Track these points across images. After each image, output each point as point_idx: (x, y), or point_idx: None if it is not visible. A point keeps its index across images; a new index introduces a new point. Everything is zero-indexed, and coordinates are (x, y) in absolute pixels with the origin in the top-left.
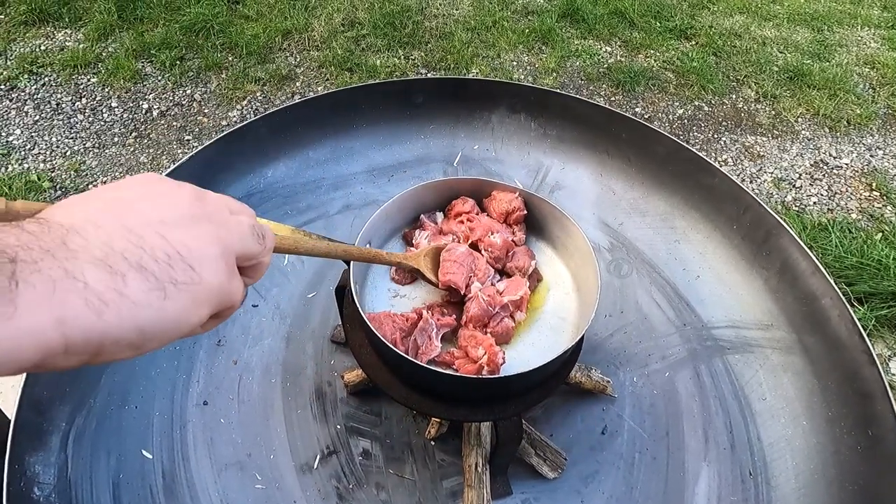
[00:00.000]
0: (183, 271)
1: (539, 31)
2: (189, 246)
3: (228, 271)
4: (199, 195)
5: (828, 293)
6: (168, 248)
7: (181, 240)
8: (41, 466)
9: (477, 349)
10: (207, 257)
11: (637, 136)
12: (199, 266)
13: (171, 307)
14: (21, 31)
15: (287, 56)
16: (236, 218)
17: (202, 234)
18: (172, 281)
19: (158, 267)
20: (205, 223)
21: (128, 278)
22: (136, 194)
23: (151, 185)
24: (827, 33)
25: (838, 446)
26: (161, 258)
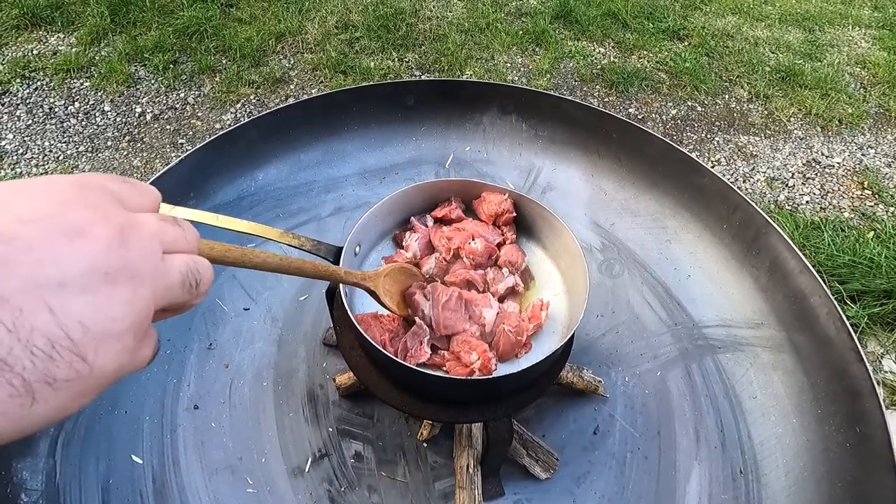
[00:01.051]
0: (67, 365)
1: (532, 33)
2: (87, 325)
3: (135, 345)
4: (123, 234)
5: (816, 291)
6: (53, 332)
7: (77, 314)
8: (28, 472)
9: (470, 354)
10: (109, 337)
11: (628, 136)
12: (93, 353)
13: (39, 411)
14: (13, 35)
15: (281, 59)
16: (167, 264)
17: (112, 301)
18: (48, 380)
19: (32, 363)
20: (120, 283)
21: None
22: (34, 231)
23: (60, 213)
24: (818, 33)
25: (828, 444)
26: (40, 349)
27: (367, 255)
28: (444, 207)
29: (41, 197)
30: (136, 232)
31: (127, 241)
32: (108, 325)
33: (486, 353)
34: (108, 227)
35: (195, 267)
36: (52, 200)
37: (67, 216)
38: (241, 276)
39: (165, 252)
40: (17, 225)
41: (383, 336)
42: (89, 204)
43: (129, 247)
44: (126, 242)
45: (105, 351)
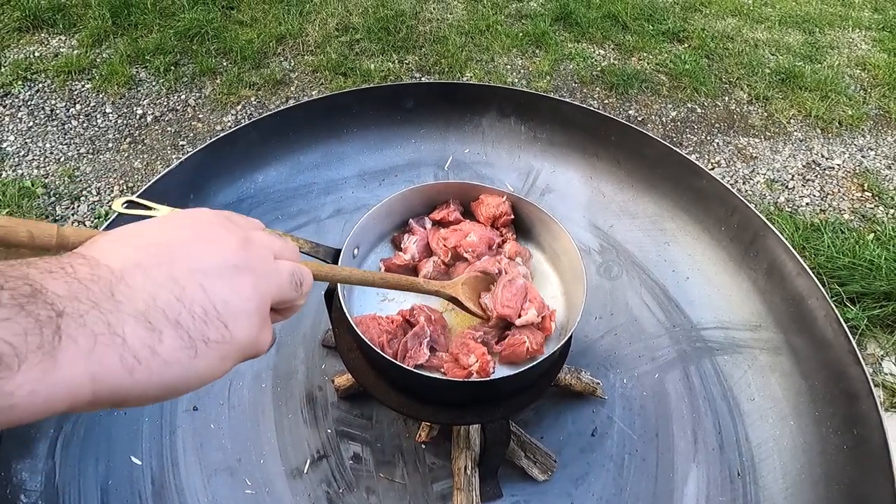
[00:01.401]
0: (216, 329)
1: (532, 35)
2: (226, 300)
3: (260, 324)
4: (245, 241)
5: (814, 293)
6: (206, 303)
7: (220, 293)
8: (28, 473)
9: (469, 356)
10: (242, 313)
11: (626, 139)
12: (232, 323)
13: (199, 364)
14: (15, 37)
15: (281, 61)
16: (278, 265)
17: (242, 286)
18: (205, 339)
19: (194, 324)
20: (246, 274)
21: (164, 335)
22: (186, 237)
23: (201, 228)
24: (818, 35)
25: (825, 446)
26: (198, 313)
27: (365, 257)
28: (443, 210)
29: (180, 220)
30: (253, 242)
31: (247, 247)
32: (241, 303)
33: (485, 356)
34: (232, 236)
35: (298, 269)
36: (187, 221)
37: (202, 229)
38: None
39: (275, 258)
40: (170, 235)
41: (381, 338)
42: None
43: (249, 251)
44: (247, 248)
45: (240, 323)
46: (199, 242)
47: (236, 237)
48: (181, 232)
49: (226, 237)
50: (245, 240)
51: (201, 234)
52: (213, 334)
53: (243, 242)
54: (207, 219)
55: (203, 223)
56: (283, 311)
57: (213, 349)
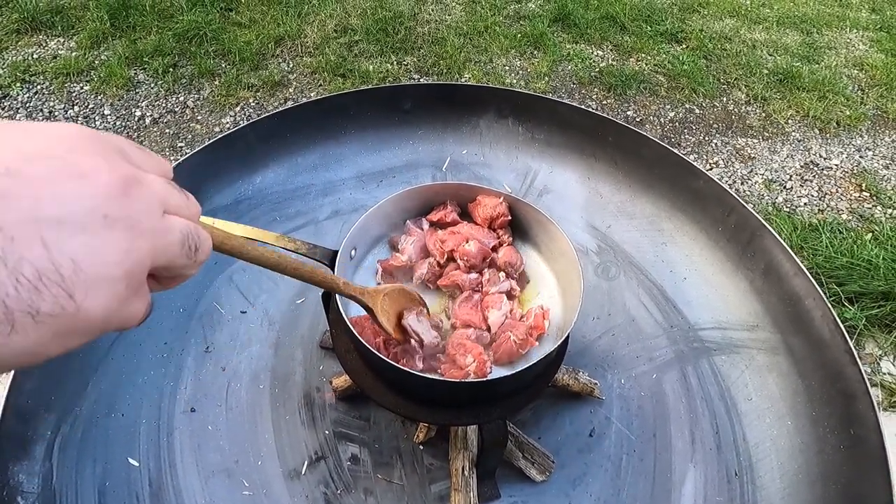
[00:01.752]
0: (52, 300)
1: (531, 36)
2: (80, 263)
3: (127, 294)
4: (129, 183)
5: (811, 293)
6: (43, 264)
7: (71, 251)
8: (25, 475)
9: (465, 357)
10: (101, 280)
11: (624, 140)
12: (82, 292)
13: (17, 341)
14: (13, 39)
15: (280, 62)
16: (168, 222)
17: (108, 245)
18: (31, 311)
19: (16, 291)
20: (119, 229)
21: None
22: (48, 164)
23: (74, 154)
24: (816, 36)
25: (822, 446)
26: (26, 278)
27: (362, 259)
28: (440, 211)
29: (50, 138)
30: (140, 186)
31: (130, 192)
32: (101, 268)
33: (482, 356)
34: (112, 175)
35: (195, 232)
36: (60, 143)
37: (73, 159)
38: (238, 280)
39: (166, 213)
40: (22, 161)
41: (378, 339)
42: (97, 152)
43: (131, 198)
44: (129, 193)
45: (95, 293)
46: (62, 176)
47: (119, 175)
48: (41, 155)
49: (104, 173)
50: (130, 180)
51: (70, 162)
52: (46, 306)
53: (125, 184)
54: (84, 143)
55: (77, 148)
56: (165, 280)
57: (45, 323)
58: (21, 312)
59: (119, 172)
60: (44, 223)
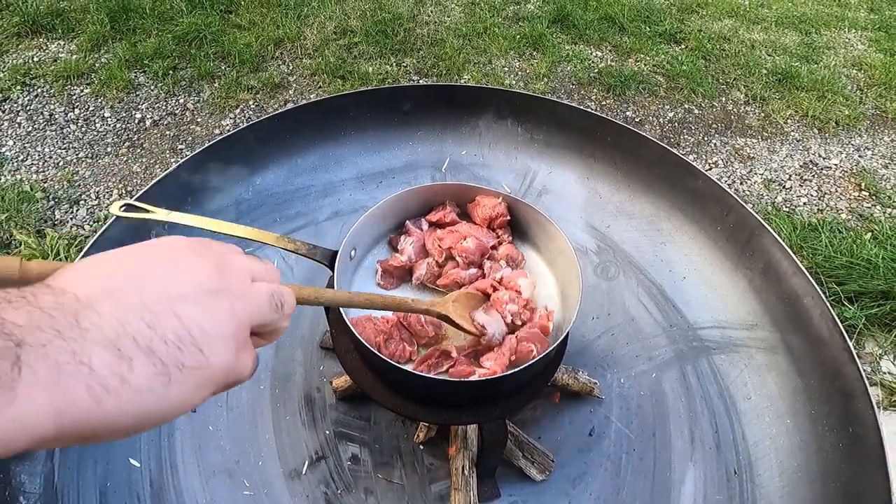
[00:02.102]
0: (192, 355)
1: (530, 37)
2: (202, 326)
3: (238, 349)
4: (221, 265)
5: (809, 292)
6: (180, 329)
7: (195, 318)
8: (27, 476)
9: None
10: (219, 337)
11: (623, 140)
12: (208, 348)
13: (174, 392)
14: (14, 42)
15: (280, 64)
16: (256, 287)
17: (218, 310)
18: (179, 365)
19: (167, 350)
20: (222, 298)
21: (134, 363)
22: (158, 263)
23: (174, 252)
24: (815, 36)
25: (821, 444)
26: (171, 340)
27: (362, 259)
28: (439, 211)
29: (165, 244)
30: (229, 265)
31: (222, 271)
32: (216, 327)
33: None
34: (207, 261)
35: (279, 291)
36: (169, 248)
37: (179, 256)
38: None
39: (254, 280)
40: (149, 263)
41: (378, 338)
42: (193, 249)
43: (224, 274)
44: (222, 271)
45: (216, 347)
46: (171, 268)
47: (211, 262)
48: (153, 259)
49: (200, 262)
50: (220, 263)
51: (174, 260)
52: (188, 360)
53: (218, 266)
54: (181, 245)
55: (175, 250)
56: (265, 335)
57: (189, 376)
58: (173, 367)
59: (211, 259)
60: (171, 299)
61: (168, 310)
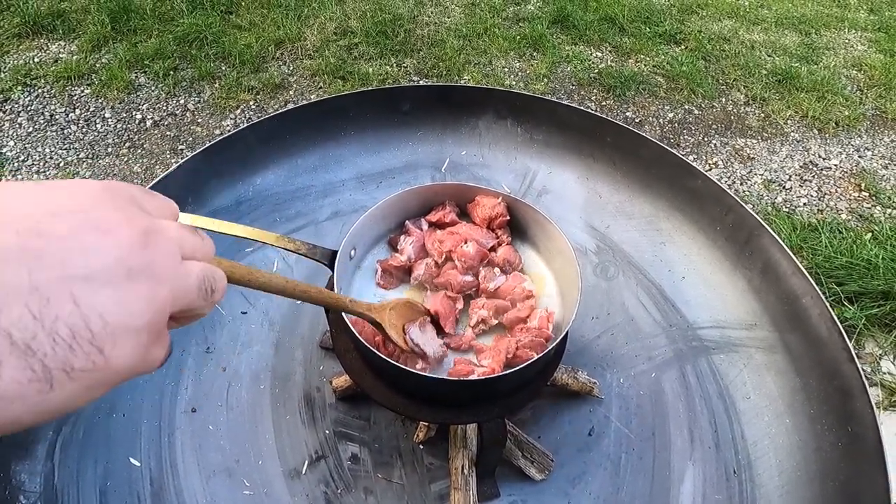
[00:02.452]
0: (85, 356)
1: (530, 38)
2: (107, 318)
3: (150, 343)
4: (149, 234)
5: (808, 292)
6: (76, 322)
7: (100, 307)
8: (27, 475)
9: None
10: (127, 333)
11: (622, 140)
12: (110, 347)
13: (54, 399)
14: (15, 43)
15: (280, 65)
16: (186, 268)
17: (133, 297)
18: (67, 369)
19: (53, 351)
20: (142, 280)
21: (3, 366)
22: (69, 222)
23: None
24: (814, 37)
25: (820, 443)
26: (62, 336)
27: (362, 259)
28: (439, 211)
29: (72, 195)
30: (158, 236)
31: (149, 243)
32: (126, 319)
33: (500, 357)
34: (132, 228)
35: (211, 274)
36: (82, 199)
37: (96, 215)
38: None
39: (184, 258)
40: (49, 219)
41: (377, 338)
42: (116, 206)
43: (151, 248)
44: (148, 244)
45: (121, 345)
46: (85, 233)
47: (137, 228)
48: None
49: (123, 227)
50: (148, 232)
51: (91, 219)
52: (80, 363)
53: (144, 236)
54: (100, 195)
55: (95, 201)
56: (182, 320)
57: (78, 380)
58: (58, 371)
59: (137, 225)
60: (73, 280)
61: (66, 293)
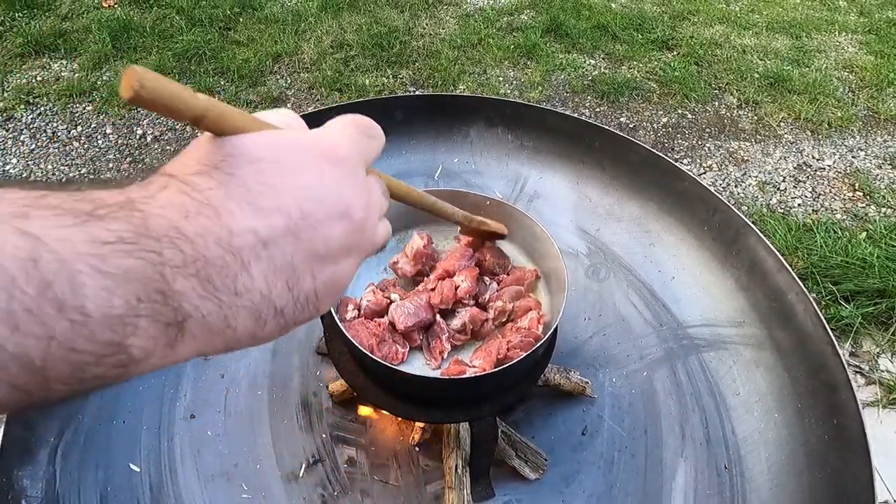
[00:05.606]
0: (309, 313)
1: (524, 47)
2: (328, 285)
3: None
4: (365, 214)
5: (793, 288)
6: (310, 291)
7: (326, 279)
8: (29, 480)
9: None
10: (335, 293)
11: (610, 145)
12: (323, 304)
13: (286, 330)
14: (17, 62)
15: (278, 78)
16: (377, 235)
17: (347, 269)
18: (295, 321)
19: (294, 311)
20: (354, 254)
21: (267, 324)
22: (317, 208)
23: (334, 189)
24: (805, 40)
25: (808, 437)
26: (301, 301)
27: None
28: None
29: (322, 172)
30: (371, 212)
31: (366, 224)
32: (337, 287)
33: (491, 358)
34: (357, 208)
35: (389, 231)
36: (332, 178)
37: (342, 197)
38: None
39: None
40: (308, 203)
41: (370, 341)
42: (355, 183)
43: (367, 230)
44: (366, 226)
45: (328, 301)
46: (327, 219)
47: (359, 204)
48: (314, 195)
49: (355, 213)
50: (366, 211)
51: (332, 202)
52: (304, 316)
53: (363, 217)
54: (347, 165)
55: (340, 183)
56: None
57: (295, 323)
58: (291, 322)
59: (361, 203)
60: (315, 260)
61: (308, 270)
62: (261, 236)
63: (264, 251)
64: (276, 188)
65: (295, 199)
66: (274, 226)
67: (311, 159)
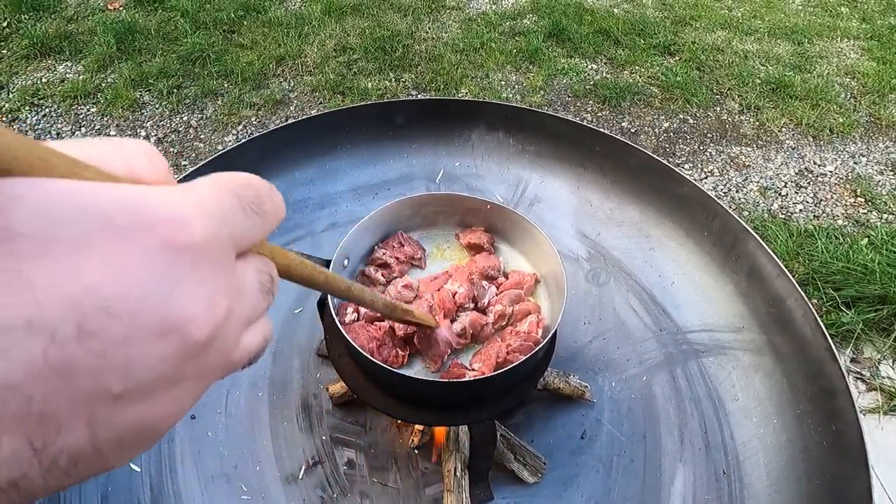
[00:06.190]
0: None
1: (526, 51)
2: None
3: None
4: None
5: (792, 294)
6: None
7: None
8: None
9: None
10: (139, 445)
11: (611, 149)
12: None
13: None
14: (23, 64)
15: (281, 81)
16: (245, 341)
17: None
18: (54, 489)
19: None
20: (188, 382)
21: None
22: (127, 329)
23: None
24: (807, 46)
25: (806, 442)
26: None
27: (355, 269)
28: None
29: (144, 263)
30: (231, 328)
31: (212, 346)
32: (145, 434)
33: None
34: (208, 328)
35: (265, 339)
36: (160, 273)
37: (172, 306)
38: None
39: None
40: (102, 317)
41: (371, 343)
42: (207, 282)
43: (211, 351)
44: (210, 347)
45: (123, 456)
46: (139, 340)
47: (207, 322)
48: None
49: (194, 322)
50: (220, 323)
51: (149, 312)
52: (70, 482)
53: (211, 334)
54: (188, 262)
55: (172, 275)
56: None
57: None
58: (42, 493)
59: (215, 323)
60: (97, 402)
61: (82, 419)
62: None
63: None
64: (32, 285)
65: (69, 305)
66: (9, 349)
67: (123, 238)
